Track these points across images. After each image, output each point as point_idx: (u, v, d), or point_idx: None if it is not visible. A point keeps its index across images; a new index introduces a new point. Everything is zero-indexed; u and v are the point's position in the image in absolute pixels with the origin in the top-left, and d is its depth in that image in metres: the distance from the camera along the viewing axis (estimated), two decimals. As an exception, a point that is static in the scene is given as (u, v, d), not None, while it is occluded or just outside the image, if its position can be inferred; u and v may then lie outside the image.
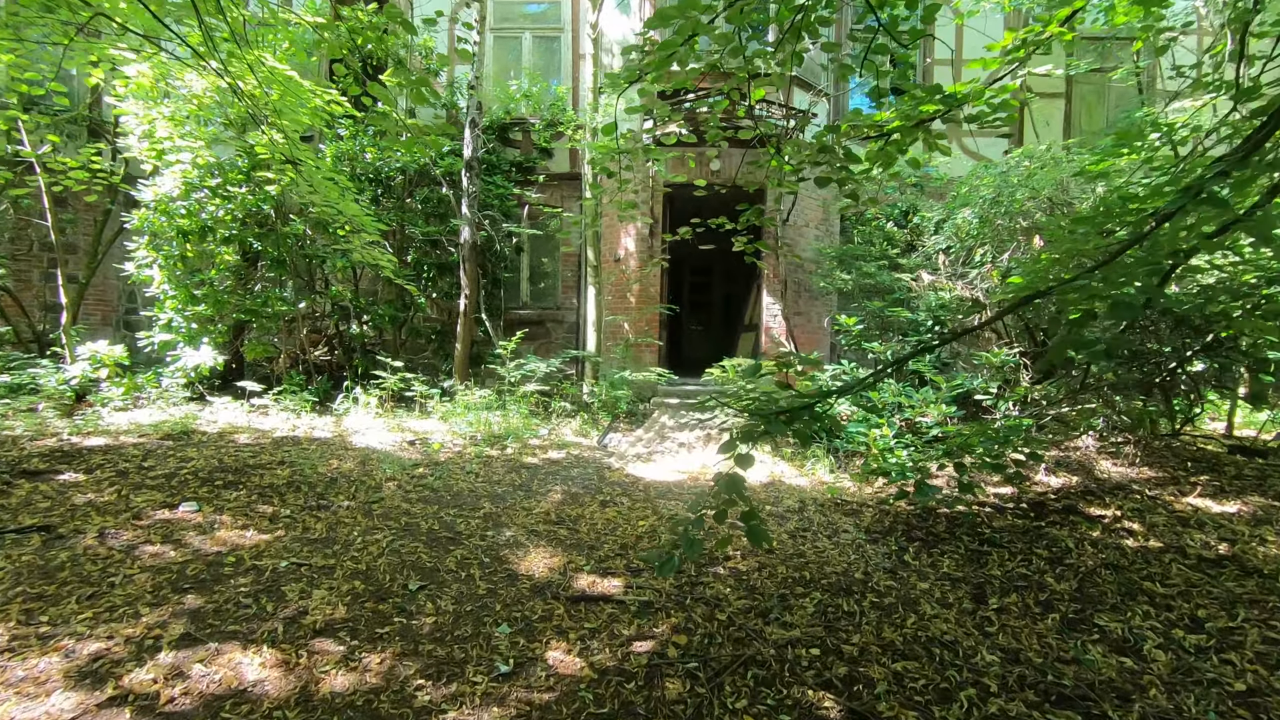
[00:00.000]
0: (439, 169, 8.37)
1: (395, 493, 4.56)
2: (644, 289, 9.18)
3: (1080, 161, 5.20)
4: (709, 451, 5.89)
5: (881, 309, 6.92)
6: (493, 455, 5.62)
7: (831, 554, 3.82)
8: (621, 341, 8.93)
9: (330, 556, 3.49)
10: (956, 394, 5.90)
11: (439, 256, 8.98)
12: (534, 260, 11.07)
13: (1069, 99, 11.25)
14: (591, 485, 4.95)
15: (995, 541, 3.97)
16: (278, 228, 7.28)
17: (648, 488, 4.96)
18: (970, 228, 6.12)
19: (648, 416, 7.84)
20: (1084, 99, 11.50)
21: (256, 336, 7.92)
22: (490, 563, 3.54)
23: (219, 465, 4.87)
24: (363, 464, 5.16)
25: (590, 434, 6.78)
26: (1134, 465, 5.54)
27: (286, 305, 7.38)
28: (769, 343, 9.11)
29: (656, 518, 4.28)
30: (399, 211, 8.56)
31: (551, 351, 10.84)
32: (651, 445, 6.27)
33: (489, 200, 8.87)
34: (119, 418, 6.51)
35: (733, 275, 16.22)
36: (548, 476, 5.14)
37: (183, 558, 3.41)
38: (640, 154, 4.25)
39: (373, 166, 8.42)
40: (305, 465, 4.98)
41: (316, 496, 4.41)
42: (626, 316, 9.08)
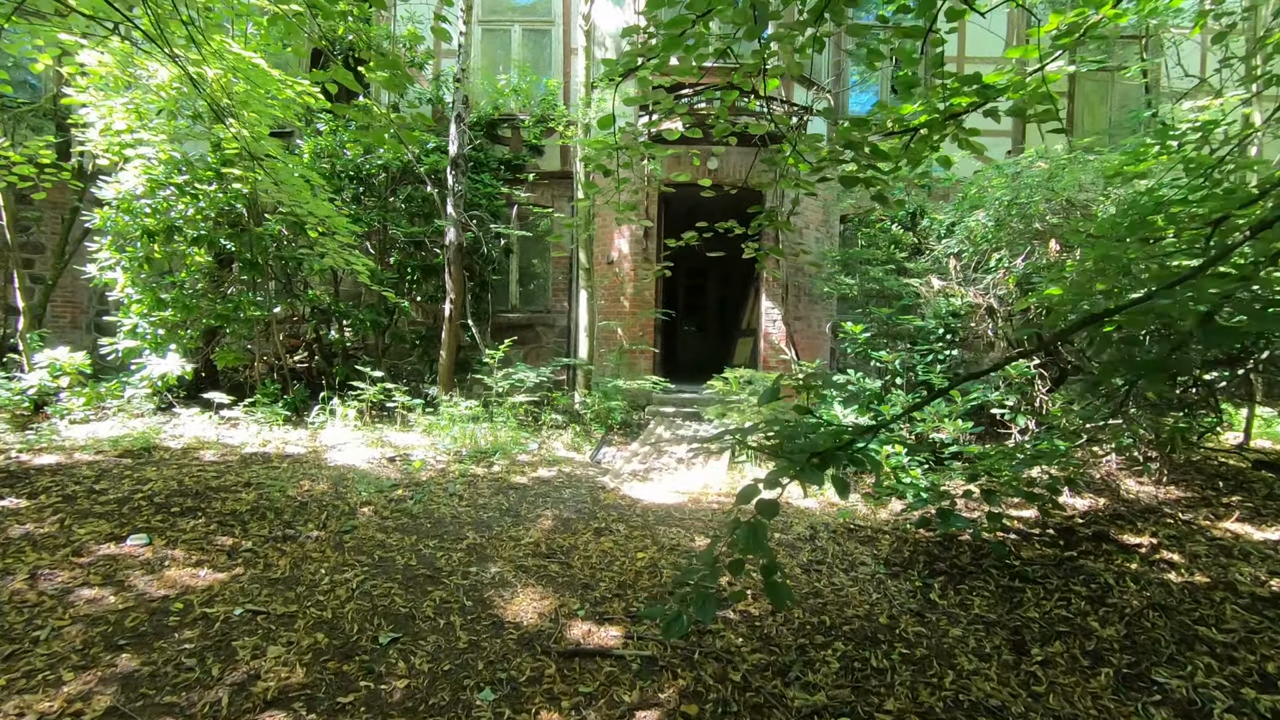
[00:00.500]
0: (423, 166, 7.97)
1: (370, 520, 4.17)
2: (638, 293, 8.81)
3: (1109, 161, 4.88)
4: (710, 469, 5.54)
5: (890, 316, 6.59)
6: (478, 474, 5.24)
7: (851, 592, 3.47)
8: (615, 348, 8.55)
9: (292, 601, 3.10)
10: (970, 407, 5.58)
11: (423, 258, 8.57)
12: (523, 262, 10.68)
13: (1071, 98, 10.99)
14: (585, 509, 4.58)
15: (1027, 576, 3.63)
16: (250, 228, 6.85)
17: (646, 512, 4.59)
18: (985, 231, 5.80)
19: (643, 428, 7.47)
20: (1087, 98, 11.24)
21: (229, 343, 7.48)
22: (473, 607, 3.16)
23: (178, 488, 4.46)
24: (337, 485, 4.76)
25: (583, 448, 6.41)
26: (1159, 484, 5.23)
27: (260, 310, 6.96)
28: (768, 349, 8.77)
29: (657, 548, 3.92)
30: (381, 211, 8.15)
31: (541, 357, 10.45)
32: (648, 461, 5.91)
33: (476, 200, 8.47)
34: (78, 431, 6.08)
35: (728, 278, 15.89)
36: (538, 499, 4.76)
37: (123, 604, 3.01)
38: (639, 150, 3.88)
39: (353, 164, 8.01)
40: (273, 488, 4.58)
41: (283, 525, 4.01)
42: (620, 321, 8.71)
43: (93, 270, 6.79)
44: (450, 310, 7.16)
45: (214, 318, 6.88)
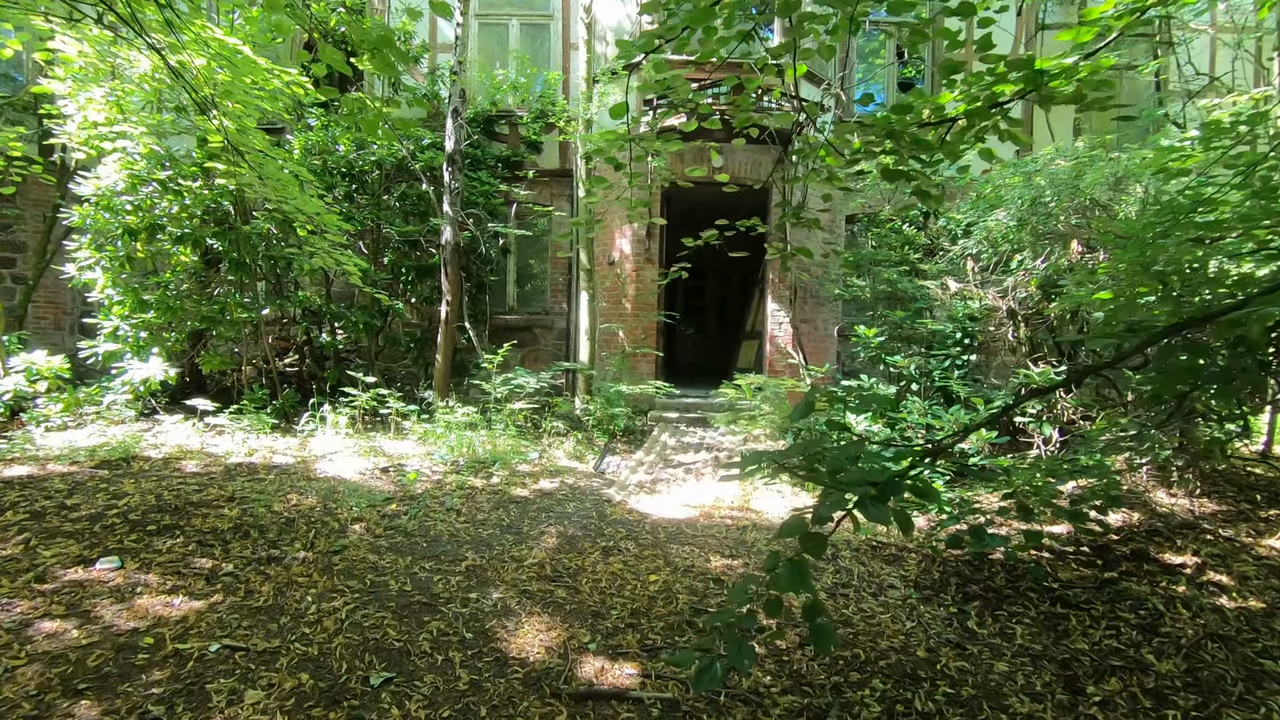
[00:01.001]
0: (418, 163, 7.69)
1: (362, 539, 3.89)
2: (640, 295, 8.55)
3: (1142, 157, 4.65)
4: (721, 481, 5.27)
5: (905, 319, 6.34)
6: (477, 486, 4.96)
7: (883, 619, 3.21)
8: (617, 352, 8.29)
9: (274, 635, 2.82)
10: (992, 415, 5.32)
11: (418, 258, 8.29)
12: (521, 262, 10.40)
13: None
14: (591, 525, 4.31)
15: (1069, 601, 3.39)
16: (237, 226, 6.56)
17: (655, 528, 4.33)
18: (1006, 232, 5.56)
19: (646, 434, 7.21)
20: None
21: (215, 346, 7.18)
22: (474, 640, 2.89)
23: (156, 503, 4.17)
24: (326, 499, 4.48)
25: (586, 457, 6.14)
26: (1192, 496, 5.00)
27: (248, 312, 6.66)
28: (774, 352, 8.52)
29: (670, 570, 3.65)
30: (375, 209, 7.86)
31: (540, 360, 10.18)
32: (654, 471, 5.64)
33: (473, 198, 8.19)
34: (54, 439, 5.77)
35: (728, 278, 15.64)
36: (540, 514, 4.49)
37: (87, 639, 2.73)
38: (651, 144, 3.62)
39: (345, 160, 7.72)
40: (259, 502, 4.29)
41: (268, 545, 3.73)
42: (622, 324, 8.44)
43: (71, 270, 6.48)
44: (446, 312, 6.88)
45: (199, 320, 6.58)
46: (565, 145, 10.03)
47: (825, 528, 1.91)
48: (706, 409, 8.40)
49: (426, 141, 8.26)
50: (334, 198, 7.86)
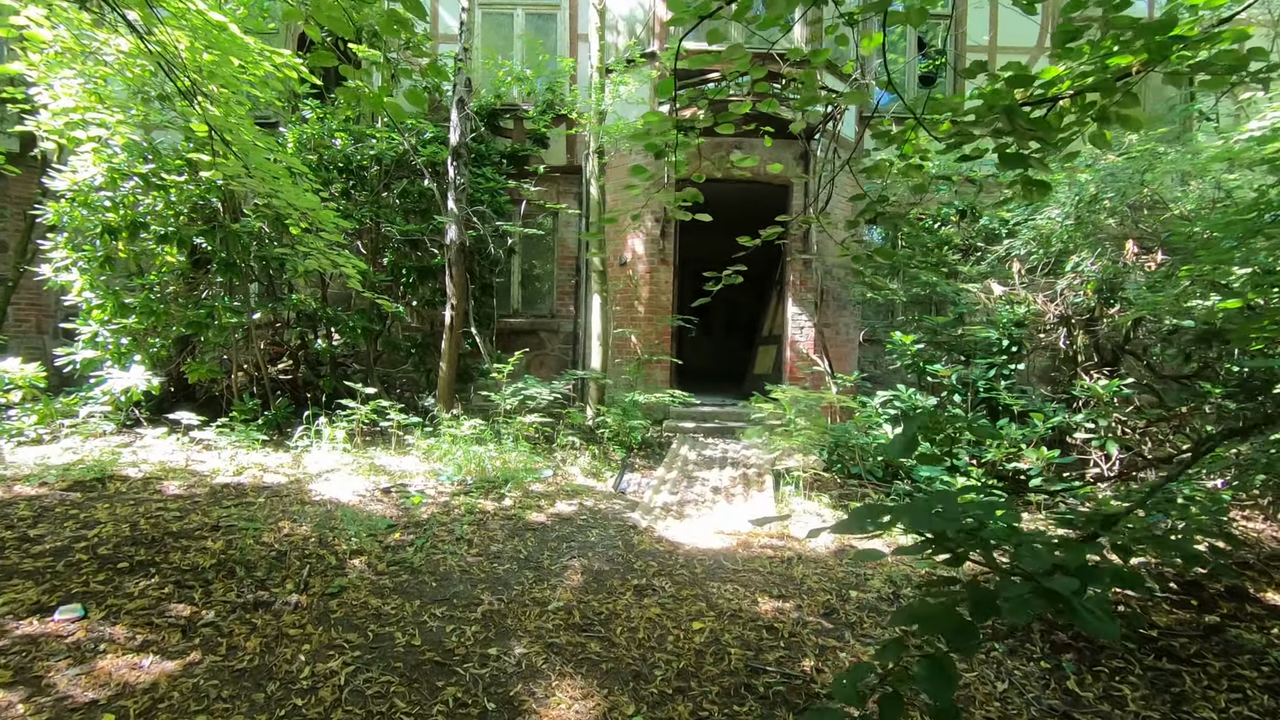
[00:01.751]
0: (420, 158, 7.23)
1: (363, 577, 3.44)
2: (654, 297, 8.11)
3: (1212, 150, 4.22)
4: (754, 502, 4.83)
5: (946, 324, 5.91)
6: (488, 510, 4.51)
7: (969, 680, 2.77)
8: (632, 358, 7.84)
9: (261, 709, 2.37)
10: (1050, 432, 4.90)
11: (420, 259, 7.84)
12: (525, 263, 9.96)
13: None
14: (618, 558, 3.86)
15: (1175, 653, 2.95)
16: (226, 224, 6.10)
17: (690, 561, 3.88)
18: (1062, 230, 5.13)
19: (664, 447, 6.76)
20: None
21: (203, 353, 6.72)
22: (497, 711, 2.44)
23: (130, 534, 3.71)
24: (322, 527, 4.02)
25: (603, 474, 5.69)
26: (1269, 520, 4.58)
27: (238, 316, 6.20)
28: (794, 358, 8.09)
29: (715, 615, 3.21)
30: (374, 207, 7.41)
31: (546, 366, 9.73)
32: (679, 490, 5.20)
33: (478, 195, 7.75)
34: (26, 455, 5.31)
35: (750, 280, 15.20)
36: (560, 543, 4.04)
37: (32, 713, 2.27)
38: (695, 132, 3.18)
39: (343, 154, 7.26)
40: (246, 532, 3.84)
41: (255, 585, 3.28)
42: (635, 329, 8.00)
43: (47, 271, 6.02)
44: (451, 317, 6.43)
45: (185, 325, 6.12)
46: (573, 141, 9.59)
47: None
48: (724, 418, 7.96)
49: (429, 135, 7.81)
50: (330, 194, 7.41)
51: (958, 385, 5.61)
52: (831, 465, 5.25)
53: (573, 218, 9.65)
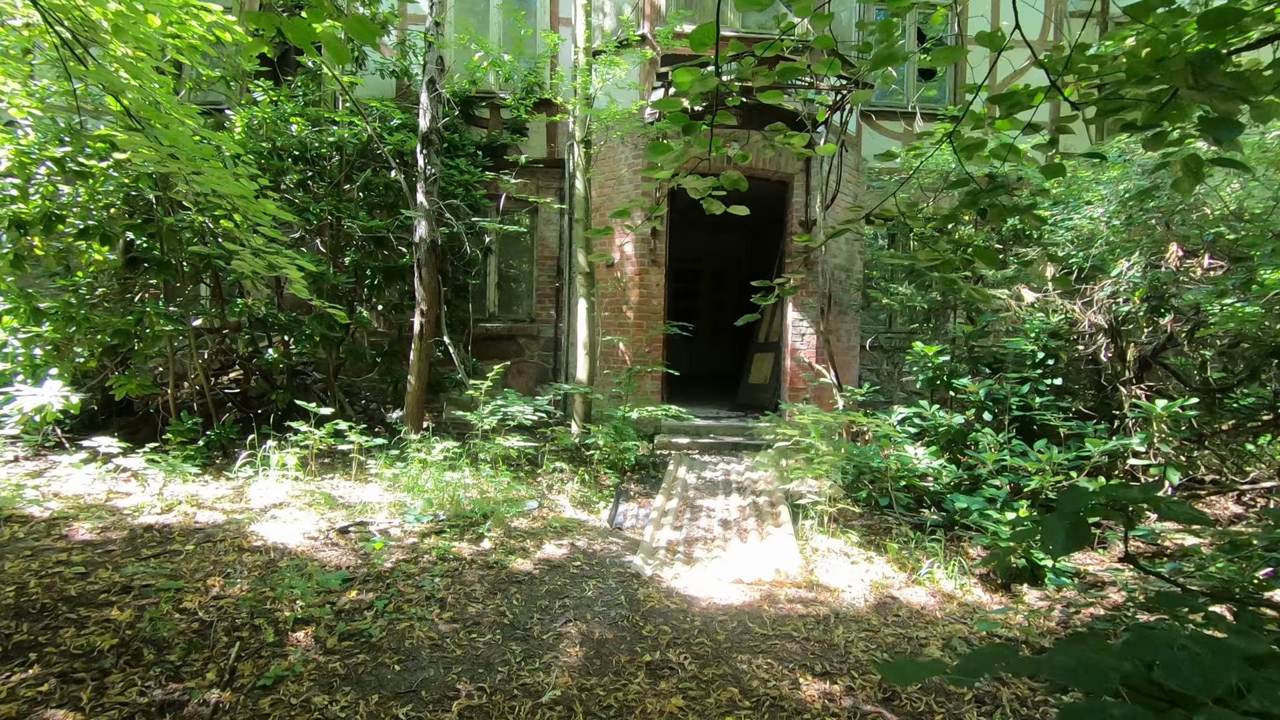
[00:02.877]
0: (386, 146, 6.50)
1: (308, 657, 2.74)
2: (645, 302, 7.47)
3: None
4: (772, 541, 4.21)
5: (972, 335, 5.38)
6: (464, 555, 3.83)
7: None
8: (623, 370, 7.20)
9: None
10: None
11: (386, 258, 7.10)
12: (502, 263, 9.25)
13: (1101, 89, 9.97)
14: (623, 620, 3.22)
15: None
16: (159, 217, 5.32)
17: (709, 623, 3.25)
18: (1109, 232, 4.62)
19: (659, 467, 6.13)
20: None
21: (137, 364, 5.90)
22: None
23: (15, 602, 2.98)
24: (262, 584, 3.31)
25: (594, 504, 5.03)
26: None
27: (173, 323, 5.41)
28: (795, 368, 7.52)
29: (751, 706, 2.58)
30: (334, 200, 6.65)
31: (525, 374, 9.04)
32: (682, 523, 4.57)
33: (451, 189, 7.03)
34: (-90, 489, 4.49)
35: (722, 280, 14.63)
36: (552, 601, 3.38)
37: None
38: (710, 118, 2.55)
39: (299, 141, 6.49)
40: (165, 594, 3.12)
41: (165, 675, 2.57)
42: (624, 336, 7.35)
43: (-57, 271, 5.18)
44: (421, 324, 5.71)
45: (111, 333, 5.32)
46: (554, 132, 8.92)
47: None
48: (720, 432, 7.36)
49: (396, 122, 7.08)
50: (285, 186, 6.64)
51: (987, 402, 5.07)
52: (854, 493, 4.66)
53: (554, 215, 8.97)
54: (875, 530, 4.56)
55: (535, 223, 9.09)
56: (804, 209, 7.52)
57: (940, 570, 3.85)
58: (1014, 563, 3.78)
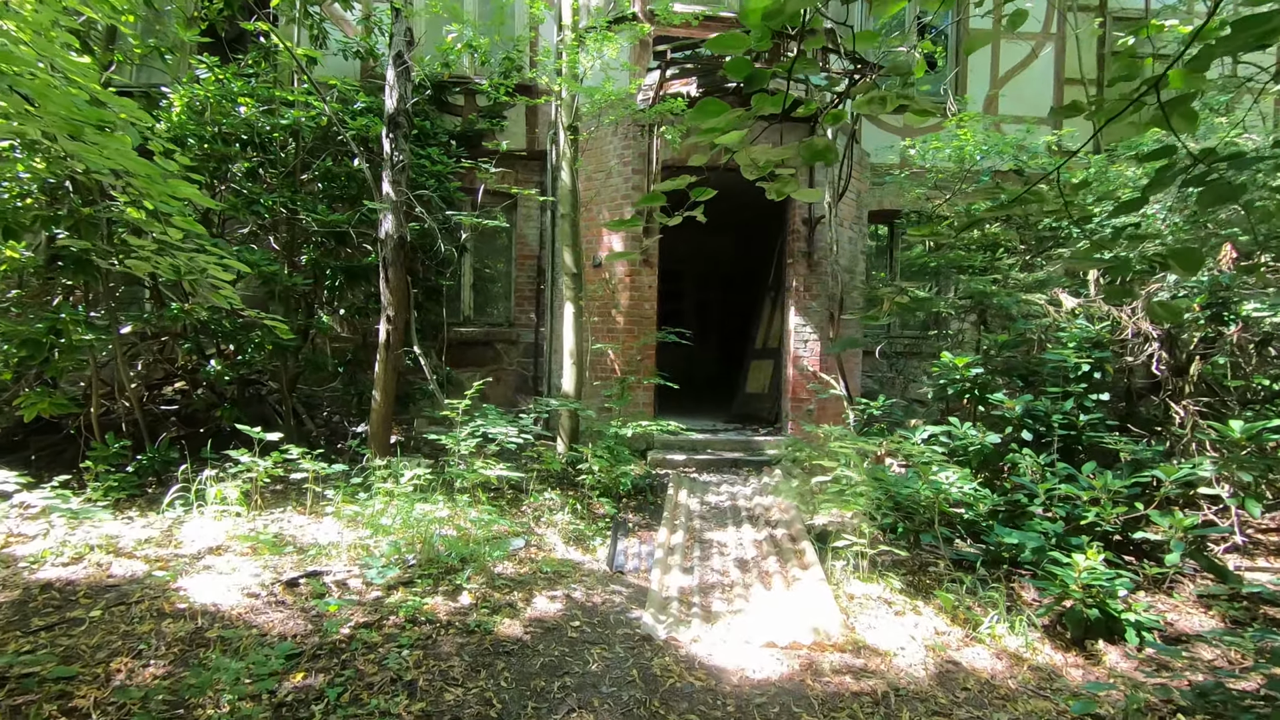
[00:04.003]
0: (349, 131, 5.78)
1: (230, 787, 2.07)
2: (635, 306, 6.86)
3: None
4: (796, 583, 3.61)
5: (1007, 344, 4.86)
6: (438, 615, 3.17)
7: None
8: (612, 379, 6.58)
9: None
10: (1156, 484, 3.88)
11: (349, 256, 6.37)
12: (478, 262, 8.56)
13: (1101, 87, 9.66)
14: (639, 709, 2.59)
15: None
16: (77, 206, 4.55)
17: (745, 708, 2.64)
18: (1172, 230, 4.12)
19: (656, 490, 5.51)
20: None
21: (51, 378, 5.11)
22: None
23: None
24: (181, 664, 2.63)
25: (589, 539, 4.39)
26: None
27: (94, 332, 4.65)
28: (798, 376, 6.96)
29: (820, 845, 1.97)
30: (289, 191, 5.91)
31: (503, 382, 8.36)
32: (692, 562, 3.97)
33: (422, 180, 6.33)
34: None
35: (706, 280, 14.06)
36: (549, 680, 2.74)
37: None
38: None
39: (247, 124, 5.74)
40: (53, 684, 2.42)
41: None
42: (614, 344, 6.73)
43: None
44: (387, 332, 5.02)
45: (19, 344, 4.53)
46: (535, 121, 8.26)
47: None
48: (719, 447, 6.77)
49: (360, 105, 6.36)
50: (233, 175, 5.89)
51: (1026, 419, 4.55)
52: (884, 526, 4.09)
53: (534, 211, 8.31)
54: (911, 569, 4.01)
55: (514, 219, 8.43)
56: (806, 206, 6.96)
57: (1000, 623, 3.29)
58: (1086, 613, 3.25)
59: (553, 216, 7.81)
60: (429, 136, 7.14)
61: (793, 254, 7.04)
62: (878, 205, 8.59)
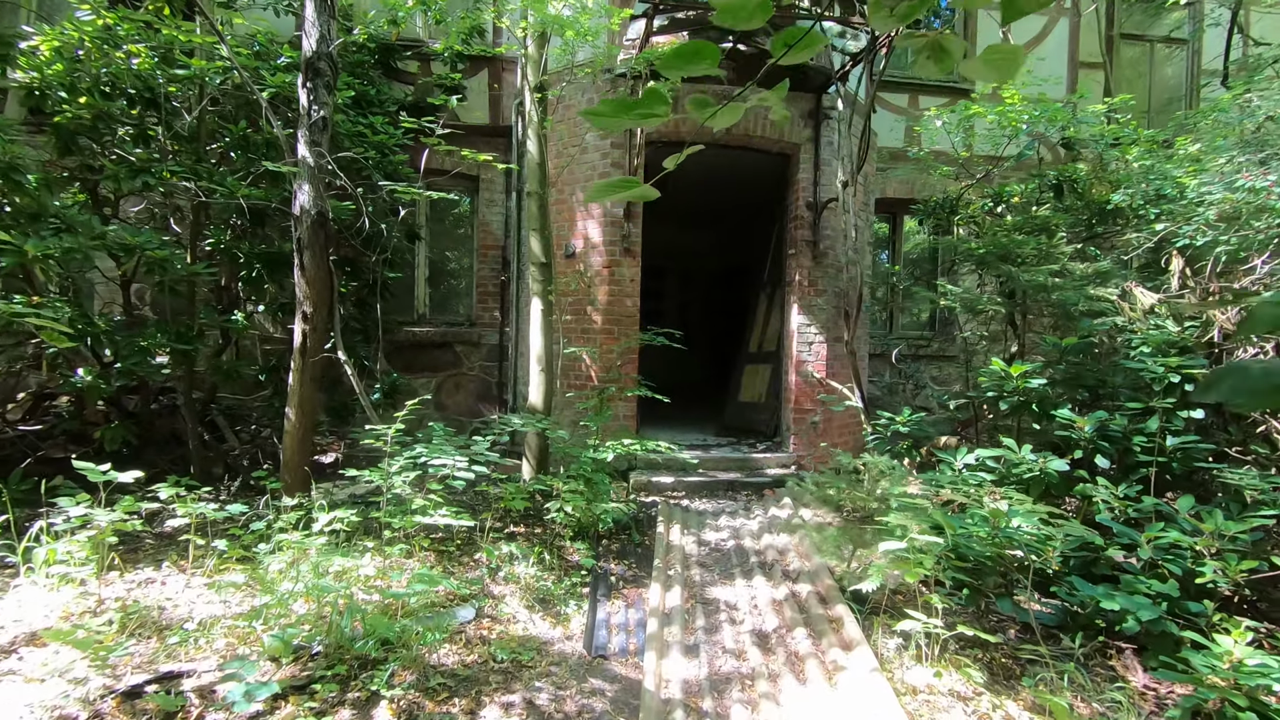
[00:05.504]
0: (267, 89, 4.72)
1: None
2: (615, 303, 5.89)
3: None
4: (843, 673, 2.67)
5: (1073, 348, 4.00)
6: (340, 748, 2.17)
7: None
8: (587, 389, 5.61)
9: None
10: None
11: (271, 241, 5.30)
12: (435, 253, 7.53)
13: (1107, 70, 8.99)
14: None
15: None
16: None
17: None
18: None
19: (644, 526, 4.54)
20: (1122, 70, 9.26)
21: None
22: None
23: None
24: None
25: (561, 603, 3.39)
26: None
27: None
28: (801, 384, 6.06)
29: None
30: (192, 160, 4.82)
31: (463, 390, 7.34)
32: (695, 635, 3.02)
33: (363, 154, 5.28)
34: None
35: (691, 277, 13.12)
36: None
37: None
38: None
39: (137, 76, 4.64)
40: None
41: None
42: (590, 347, 5.75)
43: None
44: (304, 334, 3.97)
45: None
46: (499, 93, 7.25)
47: None
48: (711, 466, 5.84)
49: (285, 60, 5.28)
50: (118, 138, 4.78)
51: (1100, 441, 3.69)
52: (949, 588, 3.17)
53: (498, 195, 7.31)
54: (1004, 654, 3.09)
55: (476, 204, 7.41)
56: (812, 188, 6.07)
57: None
58: (1240, 718, 2.37)
59: (518, 198, 6.80)
60: (372, 103, 6.09)
61: (795, 244, 6.13)
62: (882, 193, 7.75)
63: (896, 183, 7.84)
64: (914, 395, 7.12)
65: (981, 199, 5.33)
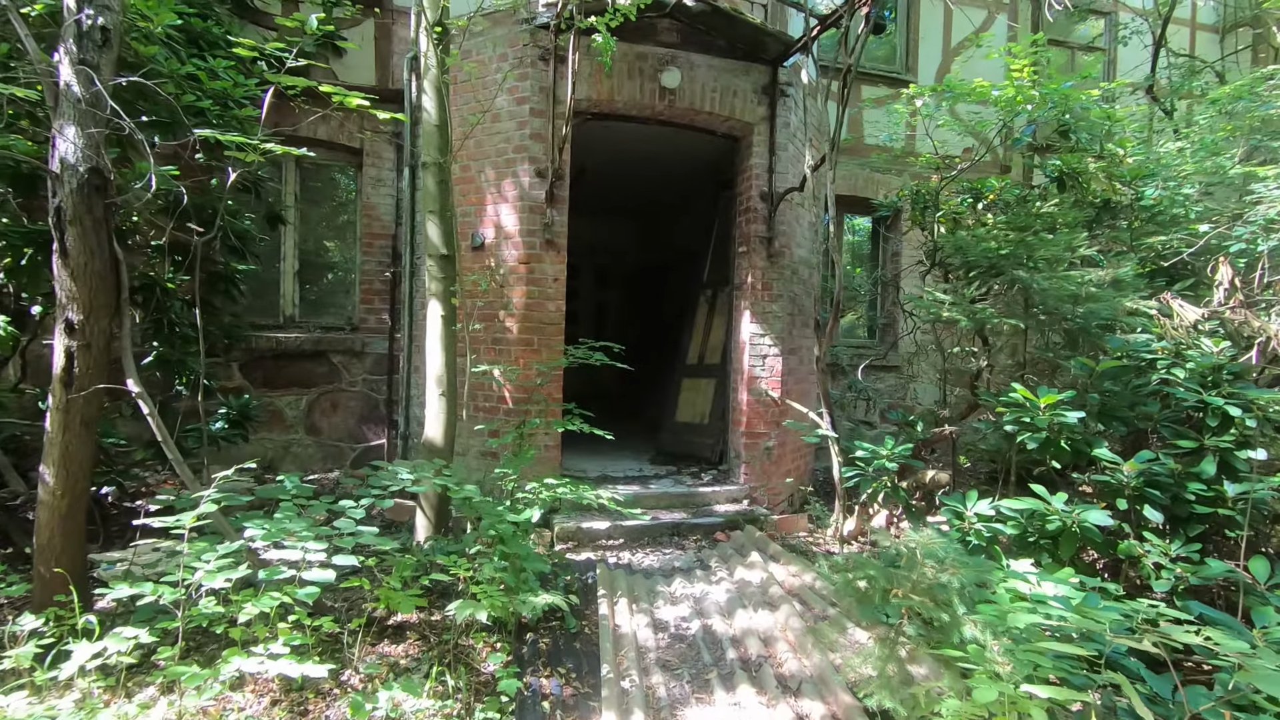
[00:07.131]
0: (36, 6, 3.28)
1: None
2: (536, 307, 4.79)
3: None
4: None
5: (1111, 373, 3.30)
6: None
7: None
8: (501, 414, 4.50)
9: None
10: None
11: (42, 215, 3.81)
12: (306, 242, 6.12)
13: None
14: None
15: None
16: None
17: None
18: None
19: (581, 600, 3.47)
20: (1049, 72, 9.20)
21: None
22: None
23: None
24: None
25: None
26: None
27: None
28: (753, 403, 5.19)
29: None
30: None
31: (341, 412, 6.00)
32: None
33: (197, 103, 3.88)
34: None
35: (608, 275, 12.07)
36: None
37: None
38: None
39: None
40: None
41: None
42: (504, 363, 4.62)
43: None
44: (69, 355, 2.63)
45: None
46: (387, 50, 5.95)
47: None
48: (651, 504, 4.85)
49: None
50: None
51: (1149, 489, 3.00)
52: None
53: (386, 173, 6.00)
54: None
55: (360, 183, 6.07)
56: (766, 175, 5.20)
57: None
58: None
59: (411, 175, 5.54)
60: (213, 45, 4.66)
61: (747, 240, 5.25)
62: (850, 190, 7.07)
63: (863, 180, 7.21)
64: (867, 411, 6.44)
65: (960, 195, 4.66)
